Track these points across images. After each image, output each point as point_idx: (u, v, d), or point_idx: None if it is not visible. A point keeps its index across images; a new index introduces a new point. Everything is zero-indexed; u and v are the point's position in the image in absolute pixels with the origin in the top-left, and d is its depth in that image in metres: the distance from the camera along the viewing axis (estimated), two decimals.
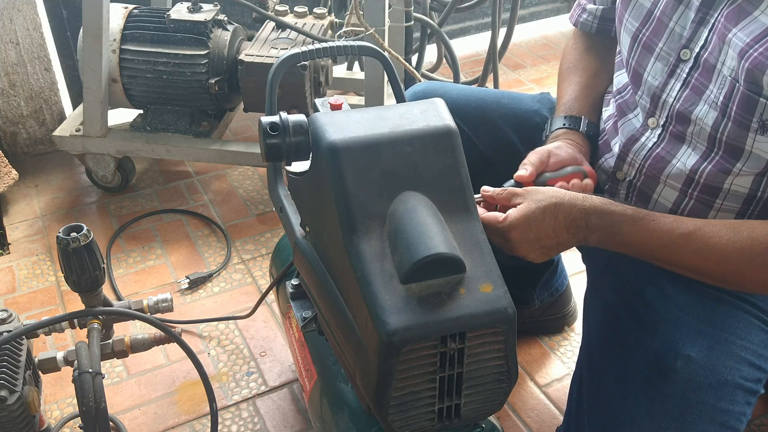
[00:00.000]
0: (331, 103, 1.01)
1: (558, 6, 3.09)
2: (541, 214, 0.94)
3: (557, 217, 0.95)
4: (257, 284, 1.75)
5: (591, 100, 1.19)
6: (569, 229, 0.96)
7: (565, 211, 0.95)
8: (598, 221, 0.95)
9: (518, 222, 0.94)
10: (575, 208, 0.95)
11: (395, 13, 2.00)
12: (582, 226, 0.96)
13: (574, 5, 1.29)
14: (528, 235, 0.95)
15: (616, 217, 0.95)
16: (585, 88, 1.21)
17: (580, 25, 1.26)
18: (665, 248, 0.95)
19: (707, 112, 0.97)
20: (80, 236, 1.08)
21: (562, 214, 0.95)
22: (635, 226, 0.95)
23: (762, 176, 0.97)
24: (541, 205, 0.95)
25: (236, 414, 1.43)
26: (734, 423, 0.96)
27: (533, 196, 0.96)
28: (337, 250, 0.80)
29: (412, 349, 0.73)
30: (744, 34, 0.90)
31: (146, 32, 1.88)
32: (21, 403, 1.07)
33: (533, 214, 0.94)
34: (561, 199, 0.95)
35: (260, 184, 2.11)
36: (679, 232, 0.93)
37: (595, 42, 1.26)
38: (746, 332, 1.01)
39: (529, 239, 0.96)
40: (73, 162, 2.15)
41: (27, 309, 1.67)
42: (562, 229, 0.96)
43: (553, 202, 0.95)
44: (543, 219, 0.94)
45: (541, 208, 0.95)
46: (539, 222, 0.94)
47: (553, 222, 0.95)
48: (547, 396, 1.47)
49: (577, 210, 0.95)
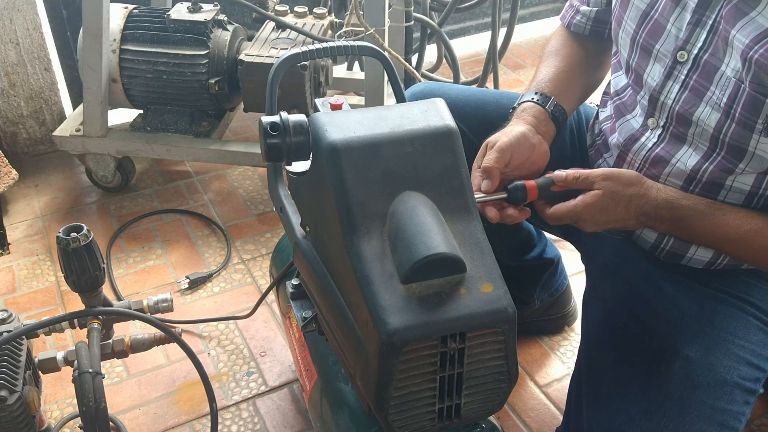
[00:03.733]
0: (332, 103, 1.01)
1: (558, 6, 3.09)
2: (615, 202, 0.98)
3: (629, 208, 0.98)
4: (257, 284, 1.75)
5: (565, 85, 1.18)
6: (638, 218, 0.99)
7: (637, 203, 0.98)
8: (668, 214, 0.98)
9: (591, 208, 0.98)
10: (648, 201, 0.98)
11: (395, 13, 2.00)
12: (651, 217, 0.99)
13: (566, 6, 1.27)
14: (599, 218, 0.99)
15: (686, 212, 0.98)
16: (562, 72, 1.19)
17: (573, 27, 1.24)
18: (732, 243, 0.98)
19: (709, 114, 0.97)
20: (80, 236, 1.08)
21: (634, 206, 0.98)
22: (705, 221, 0.97)
23: (764, 174, 0.97)
24: (616, 194, 0.98)
25: (236, 414, 1.43)
26: (733, 422, 0.97)
27: (611, 186, 0.98)
28: (337, 250, 0.80)
29: (413, 349, 0.74)
30: (743, 34, 0.90)
31: (146, 32, 1.88)
32: (21, 403, 1.07)
33: (606, 203, 0.98)
34: (637, 190, 0.98)
35: (260, 184, 2.11)
36: (747, 229, 0.96)
37: (585, 40, 1.25)
38: (745, 332, 1.01)
39: (599, 221, 1.00)
40: (73, 162, 2.15)
41: (27, 309, 1.67)
42: (632, 217, 0.99)
43: (629, 194, 0.98)
44: (616, 208, 0.98)
45: (616, 198, 0.98)
46: (612, 210, 0.98)
47: (624, 211, 0.98)
48: (547, 396, 1.48)
49: (649, 204, 0.98)
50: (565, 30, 1.27)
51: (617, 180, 0.98)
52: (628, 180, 0.98)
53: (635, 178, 0.99)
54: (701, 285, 1.04)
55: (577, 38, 1.24)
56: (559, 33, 1.27)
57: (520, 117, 1.12)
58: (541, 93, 1.14)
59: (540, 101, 1.13)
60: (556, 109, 1.13)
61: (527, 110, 1.12)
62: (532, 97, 1.14)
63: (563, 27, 1.27)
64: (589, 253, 1.23)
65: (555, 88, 1.16)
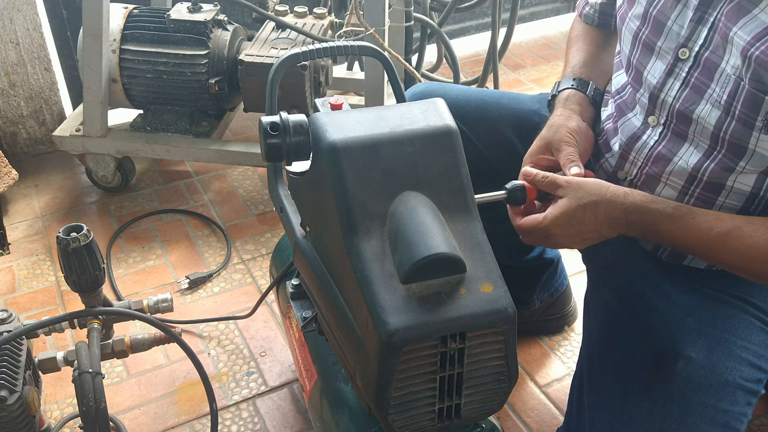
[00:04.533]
0: (332, 103, 1.01)
1: (558, 6, 3.09)
2: (582, 212, 0.97)
3: (597, 215, 0.97)
4: (257, 284, 1.75)
5: (598, 68, 1.22)
6: (610, 225, 0.98)
7: (605, 209, 0.97)
8: (638, 219, 0.97)
9: (559, 220, 0.97)
10: (615, 206, 0.97)
11: (395, 13, 2.00)
12: (622, 223, 0.98)
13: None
14: (569, 231, 0.98)
15: (656, 216, 0.96)
16: (593, 55, 1.23)
17: (584, 17, 1.28)
18: (703, 246, 0.96)
19: (710, 111, 0.96)
20: (80, 236, 1.08)
21: (602, 213, 0.97)
22: (674, 225, 0.96)
23: (765, 175, 0.97)
24: (582, 203, 0.97)
25: (236, 414, 1.43)
26: (735, 423, 0.96)
27: (575, 193, 0.98)
28: (337, 250, 0.80)
29: (412, 349, 0.73)
30: (744, 32, 0.90)
31: (146, 32, 1.88)
32: (21, 403, 1.07)
33: (574, 213, 0.97)
34: (602, 197, 0.97)
35: (260, 184, 2.11)
36: (717, 232, 0.94)
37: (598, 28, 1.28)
38: (747, 333, 1.01)
39: (571, 234, 0.99)
40: (73, 162, 2.15)
41: (27, 309, 1.67)
42: (603, 226, 0.98)
43: (594, 200, 0.97)
44: (584, 217, 0.97)
45: (582, 207, 0.97)
46: (580, 220, 0.97)
47: (593, 220, 0.97)
48: (547, 396, 1.47)
49: (617, 209, 0.97)
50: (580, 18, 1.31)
51: (581, 188, 0.98)
52: (592, 185, 0.98)
53: (599, 183, 0.98)
54: (703, 286, 1.04)
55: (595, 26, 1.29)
56: (578, 20, 1.32)
57: (566, 106, 1.15)
58: (578, 78, 1.18)
59: (580, 87, 1.17)
60: (596, 93, 1.17)
61: (571, 98, 1.16)
62: (571, 83, 1.17)
63: (578, 16, 1.32)
64: (589, 253, 1.22)
65: (590, 72, 1.20)
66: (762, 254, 0.91)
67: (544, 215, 0.98)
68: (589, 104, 1.16)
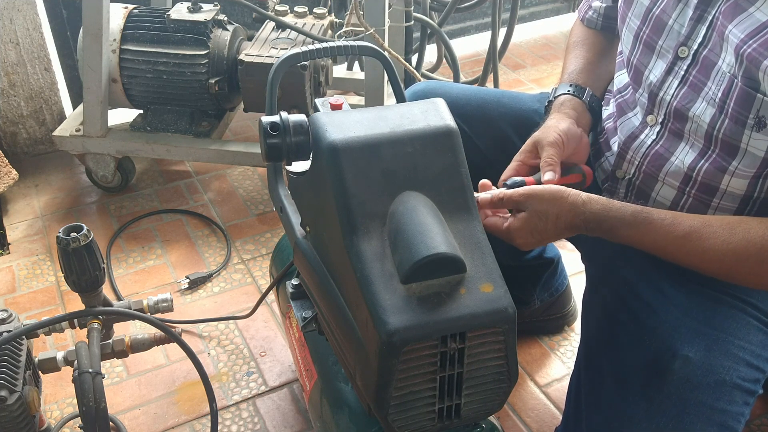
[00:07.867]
0: (332, 103, 1.01)
1: (558, 6, 3.09)
2: (543, 222, 0.98)
3: (558, 224, 0.98)
4: (257, 284, 1.75)
5: (595, 75, 1.21)
6: (570, 230, 0.99)
7: (564, 218, 0.98)
8: (597, 226, 0.98)
9: (520, 231, 0.99)
10: (575, 215, 0.97)
11: (395, 13, 2.00)
12: (582, 229, 0.99)
13: (583, 0, 1.31)
14: (530, 239, 1.00)
15: (614, 223, 0.97)
16: (591, 62, 1.23)
17: (586, 22, 1.28)
18: (661, 249, 0.97)
19: (705, 109, 0.97)
20: (80, 236, 1.08)
21: (562, 222, 0.98)
22: (633, 230, 0.97)
23: (757, 179, 0.97)
24: (541, 215, 0.98)
25: (236, 414, 1.43)
26: (732, 423, 0.96)
27: (534, 205, 0.98)
28: (337, 250, 0.80)
29: (412, 349, 0.74)
30: (739, 30, 0.91)
31: (146, 32, 1.88)
32: (21, 403, 1.07)
33: (534, 224, 0.98)
34: (561, 208, 0.97)
35: (260, 184, 2.11)
36: (675, 235, 0.95)
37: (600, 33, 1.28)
38: (745, 333, 1.01)
39: (532, 241, 1.00)
40: (73, 162, 2.15)
41: (27, 309, 1.67)
42: (563, 231, 0.99)
43: (554, 211, 0.97)
44: (545, 226, 0.98)
45: (543, 218, 0.97)
46: (542, 230, 0.98)
47: (554, 227, 0.98)
48: (547, 396, 1.48)
49: (577, 217, 0.97)
50: (581, 23, 1.30)
51: (539, 199, 0.98)
52: (550, 197, 0.98)
53: (557, 192, 0.98)
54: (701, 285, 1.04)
55: (596, 31, 1.28)
56: (578, 24, 1.31)
57: (560, 111, 1.15)
58: (575, 85, 1.18)
59: (576, 93, 1.16)
60: (593, 99, 1.17)
61: (566, 103, 1.15)
62: (568, 89, 1.17)
63: (579, 20, 1.31)
64: (589, 253, 1.22)
65: (587, 78, 1.19)
66: (718, 255, 0.92)
67: (507, 226, 1.00)
68: (585, 110, 1.16)
